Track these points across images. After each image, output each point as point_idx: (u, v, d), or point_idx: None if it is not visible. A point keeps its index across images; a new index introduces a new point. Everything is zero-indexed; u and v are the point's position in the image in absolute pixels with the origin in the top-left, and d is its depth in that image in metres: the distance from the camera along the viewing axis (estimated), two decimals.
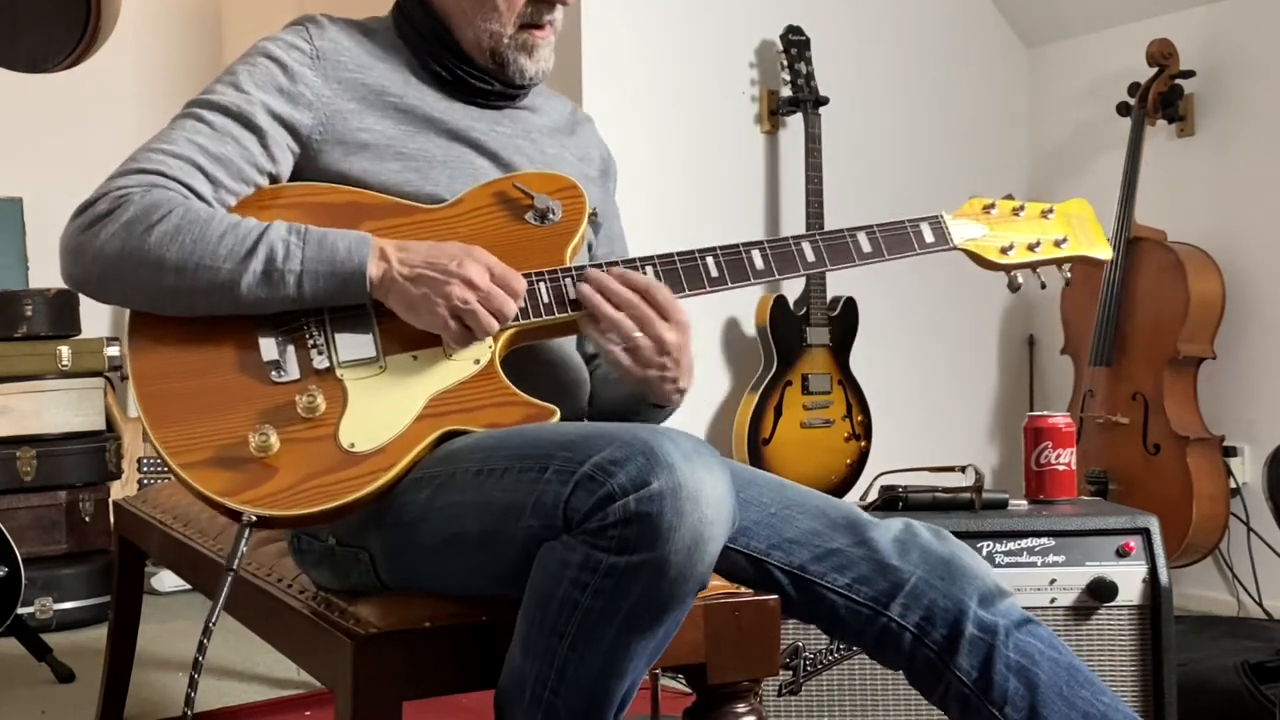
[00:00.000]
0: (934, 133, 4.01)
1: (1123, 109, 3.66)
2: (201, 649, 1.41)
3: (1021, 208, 1.65)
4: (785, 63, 3.58)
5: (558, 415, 1.42)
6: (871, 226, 1.59)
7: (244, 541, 1.47)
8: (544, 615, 1.23)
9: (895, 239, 1.59)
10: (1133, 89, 3.64)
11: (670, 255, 1.52)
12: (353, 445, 1.38)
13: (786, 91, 3.60)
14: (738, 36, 3.69)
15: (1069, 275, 1.66)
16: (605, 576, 1.19)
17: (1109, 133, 3.80)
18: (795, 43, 3.57)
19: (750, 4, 3.68)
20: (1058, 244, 1.64)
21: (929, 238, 1.60)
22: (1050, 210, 1.66)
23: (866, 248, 1.57)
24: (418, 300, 1.39)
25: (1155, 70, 3.59)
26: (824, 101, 3.55)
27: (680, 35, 3.53)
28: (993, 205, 1.65)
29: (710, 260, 1.52)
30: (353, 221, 1.48)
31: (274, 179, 1.53)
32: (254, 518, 1.36)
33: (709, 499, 1.20)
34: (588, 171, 1.73)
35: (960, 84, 4.07)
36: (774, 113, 3.70)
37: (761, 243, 1.54)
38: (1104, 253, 1.67)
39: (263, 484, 1.36)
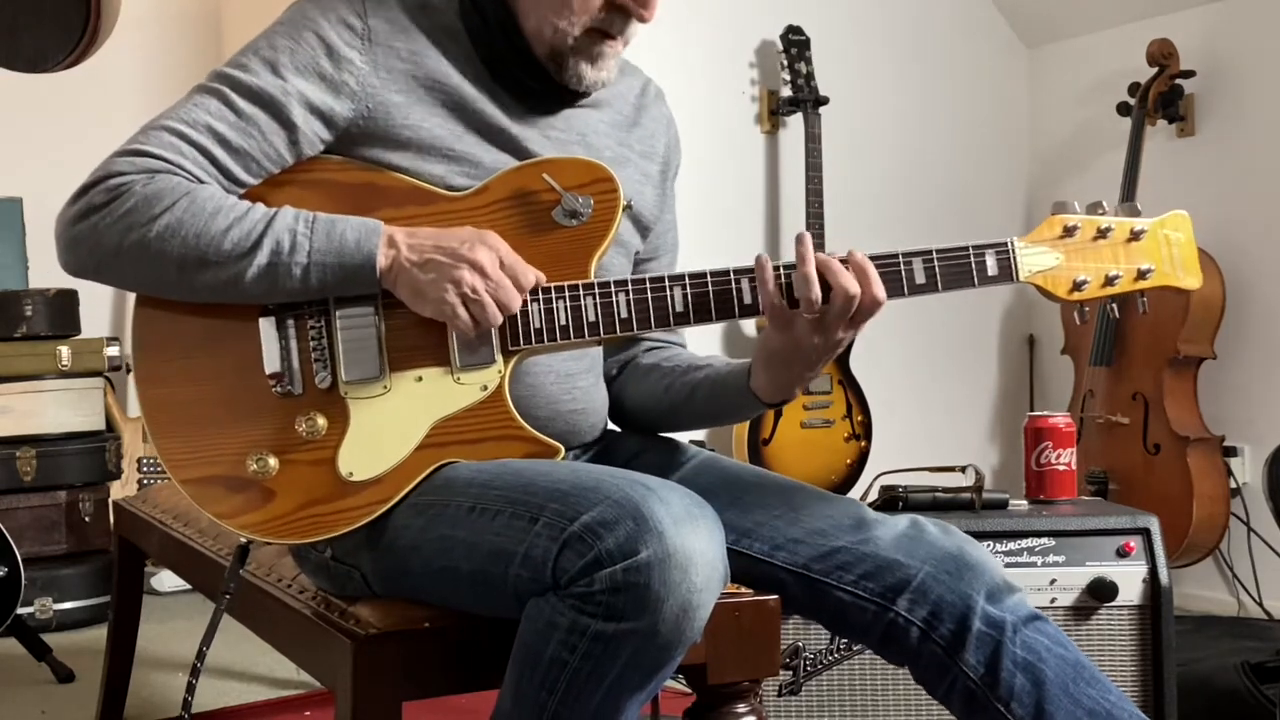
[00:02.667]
0: (934, 133, 4.00)
1: (1123, 109, 3.66)
2: (195, 672, 1.42)
3: (1108, 229, 1.41)
4: (785, 63, 3.58)
5: (562, 453, 1.40)
6: (929, 252, 1.39)
7: (240, 565, 1.48)
8: (533, 670, 1.21)
9: (954, 271, 1.39)
10: (1133, 89, 3.64)
11: (702, 275, 1.40)
12: (351, 474, 1.37)
13: (786, 91, 3.60)
14: (738, 36, 3.69)
15: (1145, 301, 1.46)
16: (593, 641, 1.18)
17: (1109, 133, 3.79)
18: (795, 43, 3.57)
19: (750, 4, 3.68)
20: (1141, 275, 1.42)
21: (992, 270, 1.40)
22: (1141, 232, 1.41)
23: (920, 278, 1.39)
24: (425, 286, 1.33)
25: (1155, 70, 3.59)
26: (824, 101, 3.55)
27: (680, 35, 3.53)
28: (1075, 227, 1.41)
29: (745, 284, 1.40)
30: (368, 204, 1.40)
31: None
32: (249, 541, 1.38)
33: (699, 566, 1.17)
34: (649, 169, 1.63)
35: (960, 84, 4.06)
36: (774, 113, 3.70)
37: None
38: (1192, 282, 1.44)
39: (260, 508, 1.37)
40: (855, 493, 3.46)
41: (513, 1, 1.47)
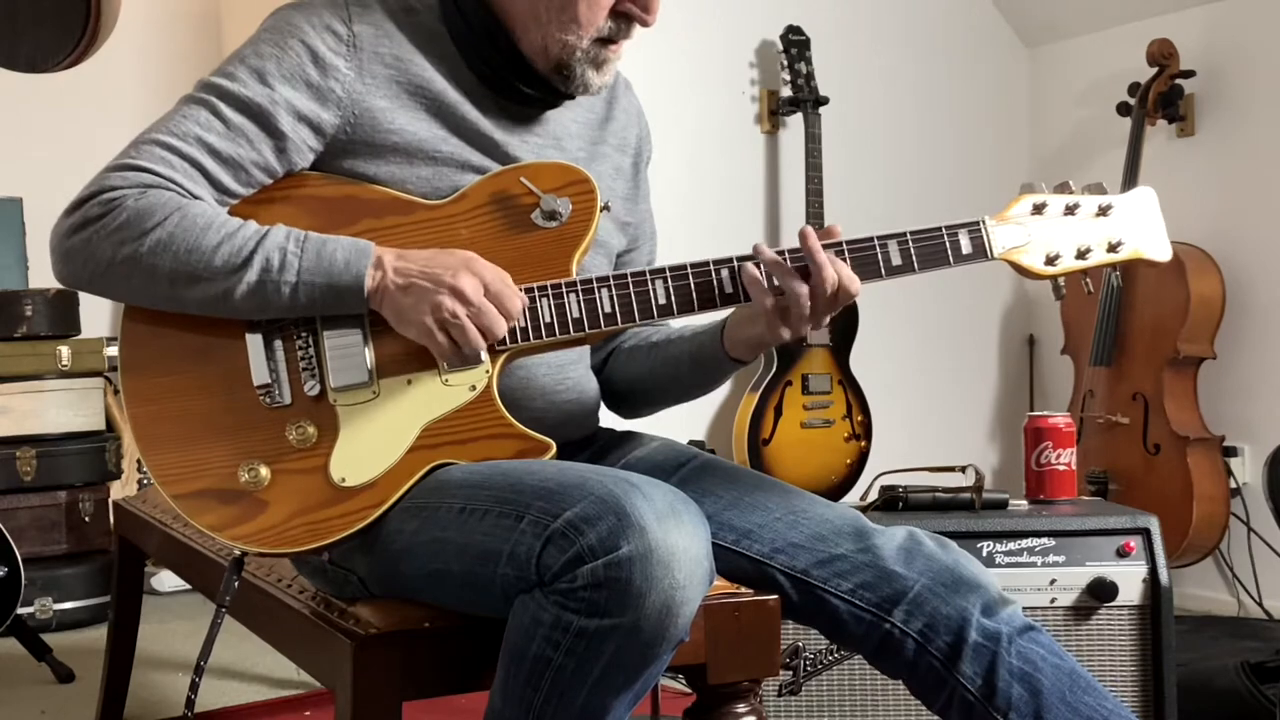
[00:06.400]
0: (934, 133, 4.00)
1: (1123, 109, 3.65)
2: (194, 687, 1.42)
3: (1076, 206, 1.46)
4: (785, 63, 3.58)
5: (553, 450, 1.40)
6: (904, 234, 1.44)
7: (236, 577, 1.48)
8: (519, 668, 1.22)
9: (929, 251, 1.44)
10: (1133, 89, 3.64)
11: (682, 268, 1.43)
12: (343, 480, 1.37)
13: (786, 91, 3.60)
14: (738, 36, 3.69)
15: (1118, 275, 1.54)
16: (577, 638, 1.18)
17: (1109, 133, 3.79)
18: (795, 43, 3.57)
19: (750, 4, 3.68)
20: (1112, 247, 1.46)
21: (966, 249, 1.44)
22: (1109, 208, 1.47)
23: (896, 260, 1.44)
24: (406, 309, 1.35)
25: (1155, 70, 3.59)
26: (824, 101, 3.55)
27: (680, 35, 3.53)
28: (1044, 204, 1.47)
29: (725, 273, 1.43)
30: (350, 217, 1.42)
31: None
32: (242, 553, 1.38)
33: (681, 562, 1.17)
34: (621, 163, 1.66)
35: (960, 84, 4.06)
36: (774, 113, 3.70)
37: (782, 252, 1.43)
38: (1163, 253, 1.48)
39: (253, 519, 1.37)
40: (855, 493, 3.46)
41: (505, 15, 1.48)
